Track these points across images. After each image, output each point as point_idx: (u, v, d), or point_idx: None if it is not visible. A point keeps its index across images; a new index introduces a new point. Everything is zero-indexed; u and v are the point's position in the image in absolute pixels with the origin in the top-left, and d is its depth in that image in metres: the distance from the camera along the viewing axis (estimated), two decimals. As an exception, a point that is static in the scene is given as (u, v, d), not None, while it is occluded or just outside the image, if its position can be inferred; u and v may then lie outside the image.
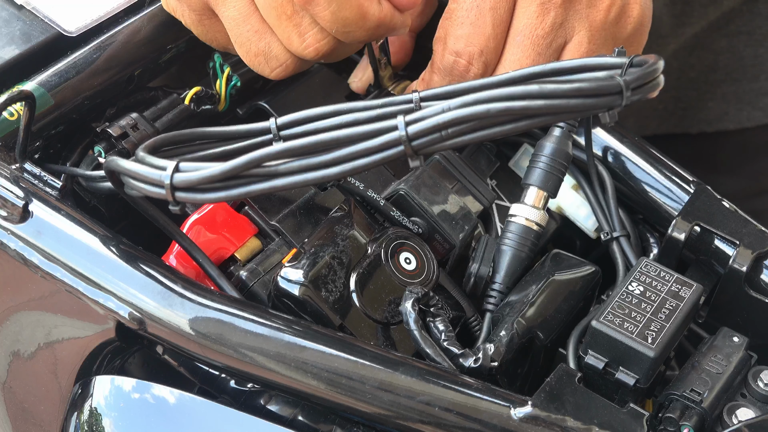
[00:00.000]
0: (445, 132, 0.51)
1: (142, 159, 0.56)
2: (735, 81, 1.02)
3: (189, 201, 0.55)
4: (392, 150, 0.52)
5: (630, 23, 0.67)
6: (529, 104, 0.50)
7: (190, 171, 0.54)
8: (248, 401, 0.59)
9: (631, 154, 0.71)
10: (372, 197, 0.65)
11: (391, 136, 0.52)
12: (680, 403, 0.58)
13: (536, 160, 0.66)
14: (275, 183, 0.54)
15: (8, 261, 0.62)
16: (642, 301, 0.59)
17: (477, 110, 0.50)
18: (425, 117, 0.51)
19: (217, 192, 0.54)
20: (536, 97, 0.50)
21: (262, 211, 0.63)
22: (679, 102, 1.03)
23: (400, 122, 0.51)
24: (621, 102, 0.52)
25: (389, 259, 0.62)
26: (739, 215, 0.67)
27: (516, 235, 0.65)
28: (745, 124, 1.03)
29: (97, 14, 0.70)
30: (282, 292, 0.59)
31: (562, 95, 0.50)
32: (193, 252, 0.60)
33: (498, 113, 0.50)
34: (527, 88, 0.50)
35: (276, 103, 0.72)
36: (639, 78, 0.53)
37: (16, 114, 0.64)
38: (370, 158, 0.52)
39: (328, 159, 0.53)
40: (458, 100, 0.51)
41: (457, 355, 0.58)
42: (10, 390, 0.68)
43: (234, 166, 0.53)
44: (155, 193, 0.55)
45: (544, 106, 0.50)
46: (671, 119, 1.04)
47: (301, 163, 0.53)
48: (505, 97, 0.50)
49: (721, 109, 1.03)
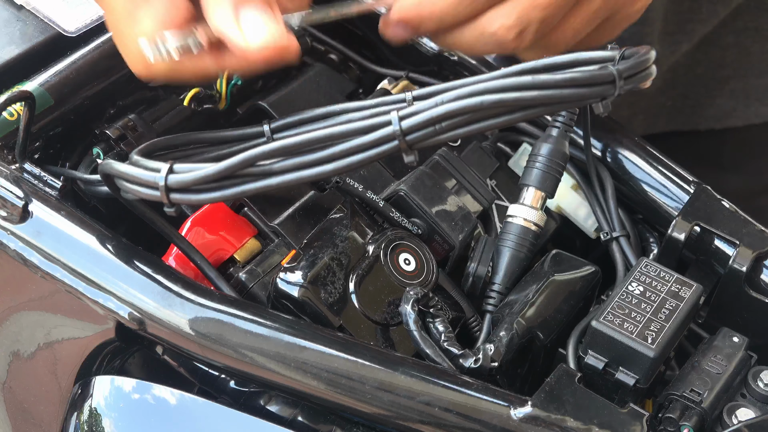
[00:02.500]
0: (439, 126, 0.51)
1: (137, 162, 0.56)
2: (742, 77, 1.02)
3: (184, 202, 0.55)
4: (387, 145, 0.52)
5: None
6: (522, 95, 0.50)
7: (184, 172, 0.54)
8: (248, 402, 0.59)
9: (631, 154, 0.71)
10: (371, 198, 0.65)
11: (385, 131, 0.52)
12: (680, 404, 0.58)
13: (533, 160, 0.66)
14: (270, 182, 0.54)
15: (8, 261, 0.62)
16: (642, 301, 0.59)
17: (470, 102, 0.50)
18: (419, 111, 0.51)
19: (212, 192, 0.54)
20: (529, 87, 0.50)
21: (261, 213, 0.63)
22: (687, 99, 1.03)
23: (394, 117, 0.51)
24: (614, 91, 0.52)
25: (388, 260, 0.62)
26: (739, 215, 0.67)
27: (514, 235, 0.65)
28: (753, 120, 1.03)
29: (97, 14, 0.70)
30: (281, 293, 0.59)
31: (554, 85, 0.51)
32: (192, 254, 0.60)
33: (491, 105, 0.50)
34: (520, 79, 0.51)
35: (276, 103, 0.72)
36: (631, 67, 0.53)
37: (16, 114, 0.64)
38: (365, 154, 0.52)
39: (323, 156, 0.53)
40: (451, 94, 0.51)
41: (456, 355, 0.58)
42: (10, 390, 0.68)
43: (228, 166, 0.53)
44: (150, 196, 0.55)
45: (537, 96, 0.50)
46: (679, 117, 1.04)
47: (295, 161, 0.53)
48: (498, 89, 0.51)
49: (729, 105, 1.03)
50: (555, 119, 0.66)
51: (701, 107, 1.03)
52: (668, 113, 1.04)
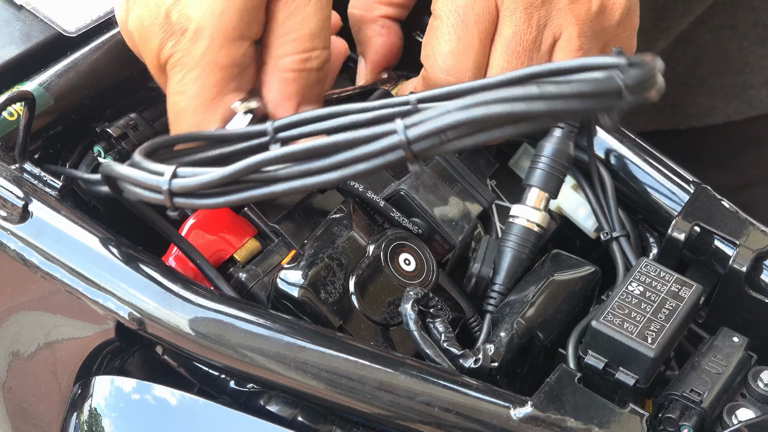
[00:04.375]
0: (445, 136, 0.51)
1: (139, 163, 0.56)
2: (721, 75, 1.02)
3: (187, 207, 0.55)
4: (392, 154, 0.52)
5: (616, 10, 0.67)
6: (529, 107, 0.50)
7: (188, 177, 0.54)
8: (248, 402, 0.59)
9: (631, 154, 0.71)
10: (371, 198, 0.65)
11: (391, 140, 0.51)
12: (680, 404, 0.58)
13: (537, 161, 0.66)
14: (274, 188, 0.53)
15: (8, 261, 0.62)
16: (642, 302, 0.59)
17: (477, 113, 0.50)
18: (424, 120, 0.51)
19: (216, 198, 0.54)
20: (537, 99, 0.50)
21: (261, 213, 0.63)
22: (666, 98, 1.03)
23: (400, 126, 0.51)
24: (620, 103, 0.52)
25: (389, 260, 0.62)
26: (739, 215, 0.67)
27: (517, 236, 0.65)
28: (733, 117, 1.03)
29: (97, 14, 0.70)
30: (281, 293, 0.59)
31: (562, 97, 0.50)
32: (191, 254, 0.60)
33: (498, 116, 0.50)
34: (528, 90, 0.50)
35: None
36: (638, 79, 0.53)
37: (16, 114, 0.64)
38: (370, 163, 0.52)
39: (328, 164, 0.52)
40: (457, 103, 0.50)
41: (457, 355, 0.58)
42: (10, 390, 0.68)
43: (232, 172, 0.53)
44: (154, 199, 0.55)
45: (544, 108, 0.50)
46: (660, 116, 1.04)
47: (300, 168, 0.53)
48: (505, 99, 0.50)
49: (708, 103, 1.03)
50: (559, 119, 0.66)
51: (681, 106, 1.04)
52: (648, 112, 1.04)
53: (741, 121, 1.04)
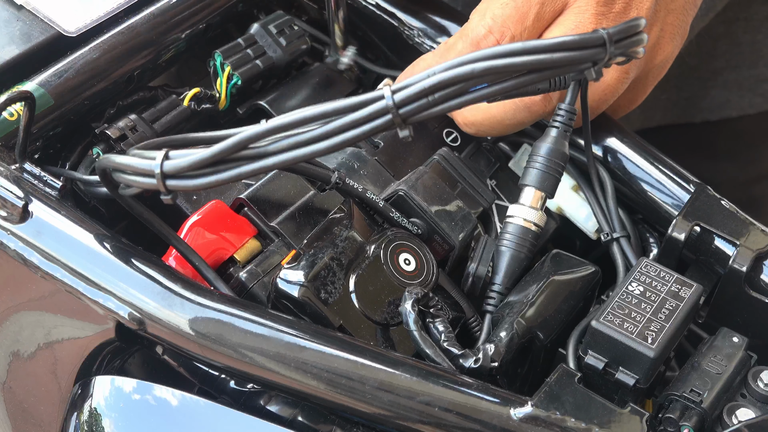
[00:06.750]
0: (432, 97, 0.51)
1: (132, 152, 0.56)
2: (735, 68, 1.02)
3: (181, 188, 0.55)
4: (380, 120, 0.52)
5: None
6: (512, 61, 0.50)
7: (179, 158, 0.54)
8: (248, 402, 0.59)
9: (631, 153, 0.71)
10: (371, 198, 0.65)
11: (378, 105, 0.51)
12: (680, 404, 0.58)
13: (533, 160, 0.66)
14: (265, 163, 0.53)
15: (8, 261, 0.62)
16: (642, 302, 0.59)
17: (462, 71, 0.50)
18: (411, 83, 0.51)
19: (208, 177, 0.54)
20: (519, 53, 0.51)
21: (261, 213, 0.63)
22: (681, 92, 1.03)
23: (386, 91, 0.51)
24: (604, 55, 0.52)
25: (388, 260, 0.62)
26: (739, 215, 0.67)
27: (514, 236, 0.65)
28: (747, 110, 1.03)
29: (97, 14, 0.70)
30: (281, 293, 0.59)
31: (544, 49, 0.51)
32: (189, 255, 0.60)
33: (482, 72, 0.50)
34: (510, 45, 0.51)
35: (275, 103, 0.72)
36: (621, 30, 0.53)
37: (16, 114, 0.64)
38: (358, 130, 0.52)
39: (316, 134, 0.52)
40: (443, 65, 0.51)
41: (457, 355, 0.58)
42: (10, 390, 0.68)
43: (222, 149, 0.53)
44: (147, 184, 0.55)
45: (527, 61, 0.51)
46: (675, 109, 1.04)
47: (289, 141, 0.53)
48: (488, 57, 0.51)
49: (723, 96, 1.03)
50: (554, 119, 0.66)
51: (696, 99, 1.03)
52: (663, 106, 1.04)
53: (755, 114, 1.04)
